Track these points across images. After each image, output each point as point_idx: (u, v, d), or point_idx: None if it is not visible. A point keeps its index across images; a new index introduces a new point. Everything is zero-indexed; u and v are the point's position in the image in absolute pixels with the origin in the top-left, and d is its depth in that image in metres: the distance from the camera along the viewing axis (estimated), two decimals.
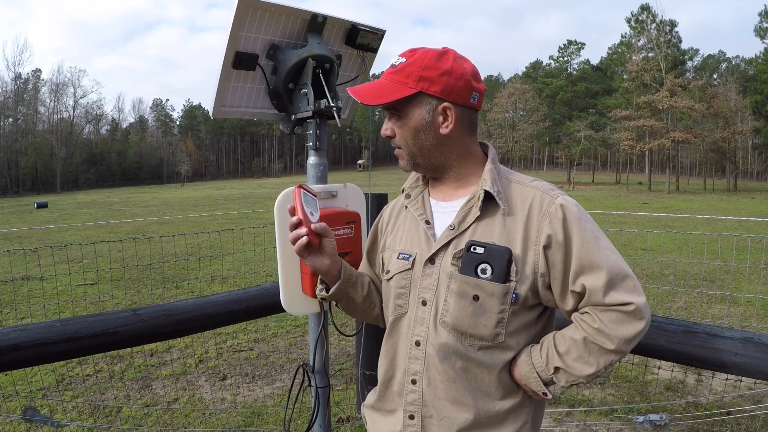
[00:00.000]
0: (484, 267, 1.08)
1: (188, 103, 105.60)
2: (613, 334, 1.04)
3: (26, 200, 40.83)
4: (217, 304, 2.07)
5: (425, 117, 1.13)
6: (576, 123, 57.43)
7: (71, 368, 4.04)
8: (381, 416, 1.24)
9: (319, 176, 1.73)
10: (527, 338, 1.14)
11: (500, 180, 1.15)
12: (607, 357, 1.06)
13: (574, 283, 1.07)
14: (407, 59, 1.12)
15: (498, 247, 1.08)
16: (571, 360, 1.08)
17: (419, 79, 1.10)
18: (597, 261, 1.05)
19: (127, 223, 17.65)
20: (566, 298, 1.10)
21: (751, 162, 67.35)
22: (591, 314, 1.07)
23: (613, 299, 1.04)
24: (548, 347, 1.11)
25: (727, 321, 4.86)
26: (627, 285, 1.05)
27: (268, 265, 6.08)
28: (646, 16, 49.15)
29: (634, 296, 1.04)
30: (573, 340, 1.08)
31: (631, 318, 1.04)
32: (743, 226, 14.33)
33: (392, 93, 1.12)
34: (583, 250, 1.06)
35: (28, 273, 7.27)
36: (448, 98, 1.11)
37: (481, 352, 1.11)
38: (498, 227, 1.10)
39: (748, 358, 1.52)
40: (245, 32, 1.58)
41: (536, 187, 1.13)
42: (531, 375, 1.10)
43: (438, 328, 1.12)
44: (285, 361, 4.28)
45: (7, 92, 70.26)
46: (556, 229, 1.07)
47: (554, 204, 1.09)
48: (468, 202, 1.14)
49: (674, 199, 30.74)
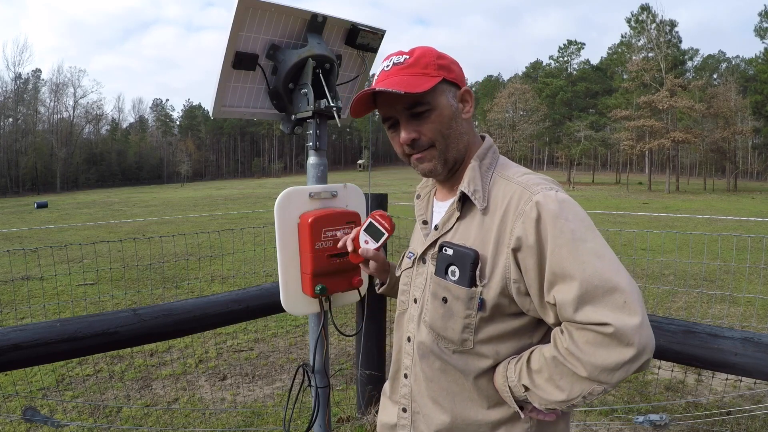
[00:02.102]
0: (453, 269, 1.05)
1: (188, 103, 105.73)
2: (585, 358, 0.89)
3: (26, 200, 40.84)
4: (217, 304, 2.07)
5: (453, 104, 1.09)
6: (576, 123, 57.41)
7: (71, 368, 4.03)
8: (389, 404, 1.28)
9: (319, 176, 1.73)
10: (516, 348, 1.05)
11: (486, 177, 1.09)
12: (582, 385, 0.91)
13: (548, 293, 0.95)
14: (410, 55, 1.08)
15: (464, 249, 1.03)
16: (541, 380, 0.96)
17: (438, 68, 1.07)
18: (568, 269, 0.90)
19: (127, 223, 17.65)
20: (545, 309, 0.98)
21: (751, 162, 67.33)
22: (566, 331, 0.93)
23: (587, 317, 0.88)
24: (523, 362, 1.00)
25: (727, 321, 4.86)
26: (611, 300, 0.87)
27: (268, 265, 6.09)
28: (646, 16, 49.14)
29: (619, 315, 0.86)
30: (545, 358, 0.96)
31: (611, 342, 0.86)
32: (743, 226, 14.33)
33: (422, 83, 1.03)
34: (555, 256, 0.92)
35: (28, 273, 7.27)
36: (462, 84, 1.11)
37: (456, 356, 1.07)
38: (475, 228, 1.06)
39: (748, 358, 1.52)
40: (245, 32, 1.58)
41: (521, 182, 1.03)
42: (504, 389, 1.02)
43: (421, 326, 1.14)
44: (285, 361, 4.28)
45: (7, 92, 70.29)
46: (528, 231, 0.95)
47: (531, 201, 0.97)
48: (453, 203, 1.12)
49: (674, 199, 30.73)
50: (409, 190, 33.24)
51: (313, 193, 1.57)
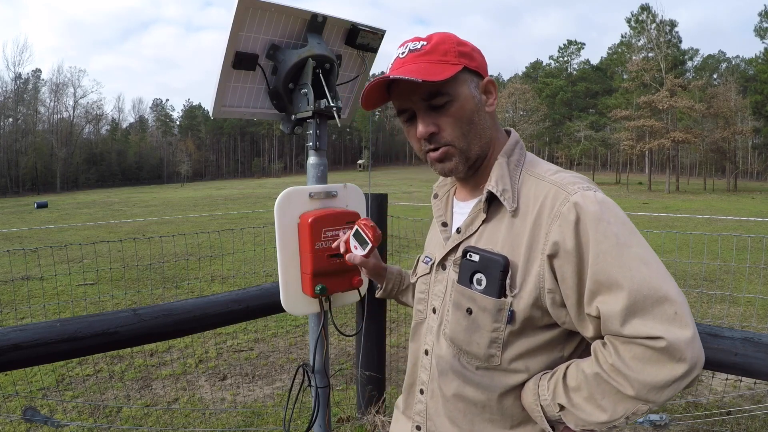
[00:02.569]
0: (479, 277, 0.95)
1: (188, 103, 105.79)
2: (632, 375, 0.80)
3: (26, 200, 40.83)
4: (217, 304, 2.07)
5: (475, 95, 0.98)
6: (576, 123, 57.44)
7: (71, 368, 4.03)
8: (403, 419, 1.18)
9: (319, 176, 1.73)
10: (546, 363, 0.95)
11: (515, 175, 0.99)
12: (626, 404, 0.82)
13: (590, 304, 0.85)
14: (428, 41, 0.97)
15: (493, 255, 0.93)
16: (580, 399, 0.86)
17: (459, 55, 0.96)
18: (615, 277, 0.81)
19: (127, 223, 17.65)
20: (584, 322, 0.88)
21: (751, 162, 67.32)
22: (610, 345, 0.84)
23: (636, 330, 0.79)
24: (557, 378, 0.91)
25: (727, 321, 4.86)
26: (661, 311, 0.79)
27: (268, 265, 6.09)
28: (646, 16, 49.14)
29: (670, 327, 0.78)
30: (585, 374, 0.86)
31: (662, 357, 0.78)
32: (743, 226, 14.33)
33: (441, 71, 0.93)
34: (598, 263, 0.83)
35: (28, 273, 7.27)
36: (485, 73, 1.01)
37: (480, 372, 0.97)
38: (504, 232, 0.95)
39: (748, 358, 1.52)
40: (245, 32, 1.58)
41: (554, 181, 0.93)
42: (534, 408, 0.92)
43: (440, 338, 1.04)
44: (285, 361, 4.28)
45: (7, 92, 70.31)
46: (566, 235, 0.86)
47: (568, 202, 0.87)
48: (479, 203, 1.01)
49: (674, 199, 30.72)
50: (409, 190, 33.25)
51: (313, 193, 1.57)
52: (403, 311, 5.10)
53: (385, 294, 1.41)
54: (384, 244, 2.96)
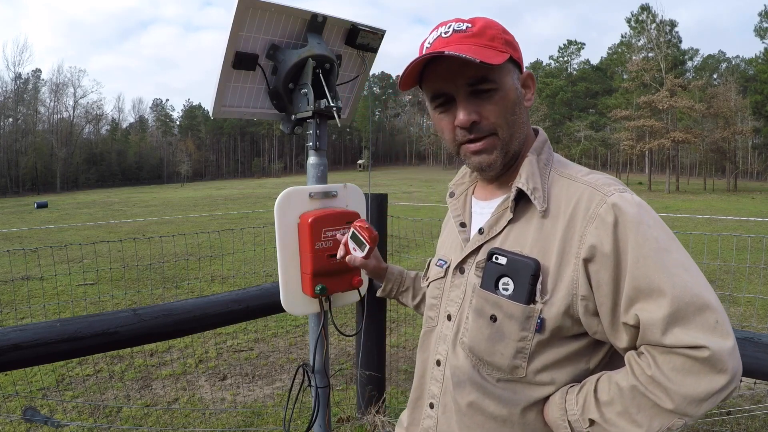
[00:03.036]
0: (506, 281, 0.89)
1: (188, 103, 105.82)
2: (673, 388, 0.76)
3: (26, 200, 40.84)
4: (217, 304, 2.07)
5: (517, 87, 0.94)
6: (576, 123, 57.46)
7: (71, 368, 4.03)
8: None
9: (319, 176, 1.73)
10: (571, 375, 0.89)
11: (545, 174, 0.94)
12: (663, 419, 0.78)
13: (627, 312, 0.80)
14: (473, 24, 0.92)
15: (523, 258, 0.87)
16: (612, 414, 0.81)
17: (505, 43, 0.91)
18: (658, 283, 0.77)
19: (127, 223, 17.65)
20: (618, 332, 0.83)
21: (751, 162, 67.33)
22: (647, 356, 0.79)
23: (678, 339, 0.75)
24: (588, 392, 0.85)
25: None
26: (703, 320, 0.76)
27: (268, 265, 6.09)
28: (646, 16, 49.16)
29: (712, 337, 0.75)
30: (619, 387, 0.81)
31: (703, 368, 0.75)
32: (743, 226, 14.33)
33: (494, 56, 0.87)
34: (639, 268, 0.79)
35: (28, 273, 7.27)
36: (523, 66, 0.97)
37: (501, 385, 0.91)
38: (533, 233, 0.90)
39: (748, 358, 1.51)
40: (245, 32, 1.58)
41: (588, 182, 0.88)
42: (561, 424, 0.86)
43: (456, 348, 0.97)
44: (285, 361, 4.28)
45: (7, 92, 70.34)
46: (603, 238, 0.81)
47: (605, 204, 0.83)
48: (504, 202, 0.96)
49: (674, 199, 30.73)
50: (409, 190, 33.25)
51: (313, 193, 1.57)
52: (403, 311, 5.10)
53: (384, 294, 1.41)
54: (384, 244, 2.95)
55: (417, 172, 72.28)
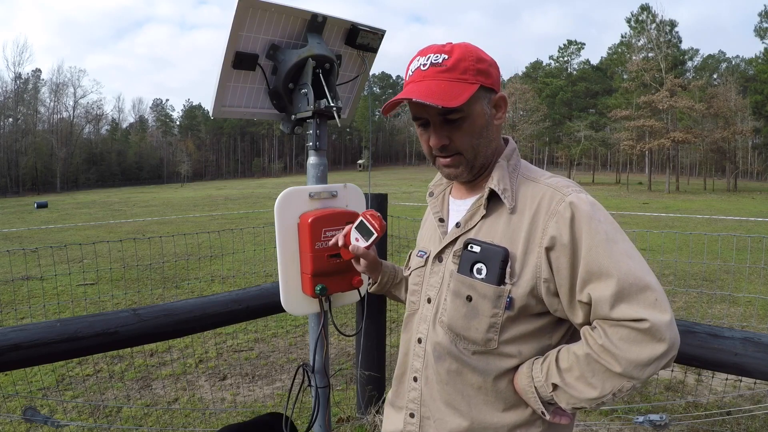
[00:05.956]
0: (479, 267, 1.04)
1: (188, 103, 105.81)
2: (620, 354, 0.91)
3: (26, 200, 40.84)
4: (217, 304, 2.07)
5: (486, 111, 1.06)
6: (576, 123, 57.40)
7: (71, 368, 4.03)
8: (393, 412, 1.24)
9: (319, 176, 1.73)
10: (536, 349, 1.05)
11: (513, 177, 1.09)
12: (614, 381, 0.93)
13: (582, 291, 0.96)
14: (450, 54, 1.03)
15: (494, 246, 1.03)
16: (572, 378, 0.97)
17: (477, 73, 1.03)
18: (606, 267, 0.93)
19: (127, 223, 17.65)
20: (574, 309, 0.99)
21: (751, 162, 67.32)
22: (599, 329, 0.95)
23: (623, 313, 0.91)
24: (550, 361, 1.01)
25: (727, 321, 4.86)
26: (644, 298, 0.91)
27: (268, 265, 6.09)
28: (646, 16, 49.16)
29: (652, 312, 0.90)
30: (576, 356, 0.97)
31: (645, 338, 0.90)
32: (743, 226, 14.33)
33: (461, 92, 1.00)
34: (591, 254, 0.94)
35: (28, 273, 7.27)
36: (497, 88, 1.08)
37: (476, 357, 1.06)
38: (502, 226, 1.05)
39: (748, 358, 1.52)
40: (245, 32, 1.58)
41: (550, 184, 1.05)
42: (529, 389, 1.01)
43: (436, 326, 1.11)
44: (285, 361, 4.28)
45: (7, 92, 70.33)
46: (562, 230, 0.97)
47: (564, 202, 0.99)
48: (478, 200, 1.11)
49: (674, 199, 30.73)
50: (409, 190, 33.26)
51: (313, 193, 1.57)
52: (403, 311, 5.09)
53: (380, 287, 1.43)
54: (384, 243, 2.96)
55: (417, 172, 72.31)
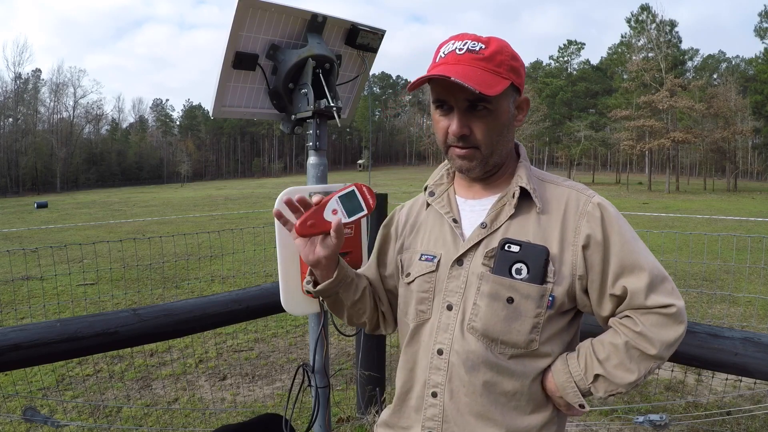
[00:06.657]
0: (519, 267, 1.02)
1: (188, 103, 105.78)
2: (655, 338, 0.99)
3: (26, 200, 40.84)
4: (217, 304, 2.07)
5: (511, 110, 1.06)
6: (576, 123, 57.43)
7: (71, 368, 4.03)
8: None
9: (319, 176, 1.73)
10: (561, 346, 1.07)
11: (533, 179, 1.09)
12: (648, 363, 1.01)
13: (614, 285, 1.02)
14: (487, 45, 1.01)
15: (535, 245, 1.02)
16: (611, 367, 1.01)
17: (510, 70, 1.02)
18: (638, 262, 1.01)
19: (127, 223, 17.65)
20: (604, 302, 1.04)
21: (751, 162, 67.32)
22: (632, 318, 1.01)
23: (655, 301, 0.99)
24: (586, 354, 1.04)
25: (727, 321, 4.86)
26: (666, 287, 1.01)
27: (268, 265, 6.09)
28: (646, 16, 49.17)
29: (674, 299, 1.00)
30: (613, 345, 1.02)
31: (672, 321, 1.00)
32: (743, 226, 14.34)
33: (496, 83, 0.98)
34: (624, 251, 1.01)
35: (28, 273, 7.27)
36: (522, 90, 1.07)
37: (513, 361, 1.03)
38: (533, 226, 1.04)
39: (748, 358, 1.52)
40: (245, 32, 1.58)
41: (570, 186, 1.09)
42: (568, 385, 1.03)
43: (465, 334, 1.03)
44: (285, 361, 4.28)
45: (7, 92, 70.33)
46: (595, 229, 1.02)
47: (591, 203, 1.04)
48: (500, 200, 1.08)
49: (674, 199, 30.74)
50: (409, 190, 33.23)
51: (313, 193, 1.57)
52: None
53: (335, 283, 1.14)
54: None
55: (417, 172, 72.29)
